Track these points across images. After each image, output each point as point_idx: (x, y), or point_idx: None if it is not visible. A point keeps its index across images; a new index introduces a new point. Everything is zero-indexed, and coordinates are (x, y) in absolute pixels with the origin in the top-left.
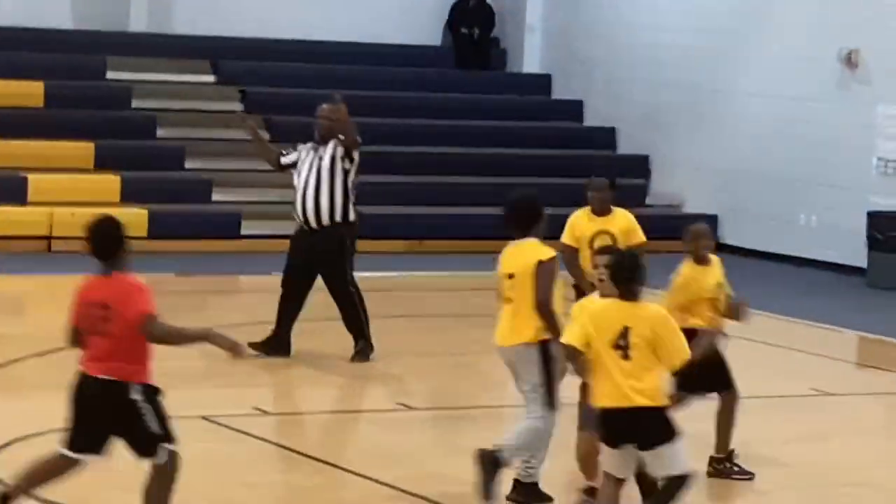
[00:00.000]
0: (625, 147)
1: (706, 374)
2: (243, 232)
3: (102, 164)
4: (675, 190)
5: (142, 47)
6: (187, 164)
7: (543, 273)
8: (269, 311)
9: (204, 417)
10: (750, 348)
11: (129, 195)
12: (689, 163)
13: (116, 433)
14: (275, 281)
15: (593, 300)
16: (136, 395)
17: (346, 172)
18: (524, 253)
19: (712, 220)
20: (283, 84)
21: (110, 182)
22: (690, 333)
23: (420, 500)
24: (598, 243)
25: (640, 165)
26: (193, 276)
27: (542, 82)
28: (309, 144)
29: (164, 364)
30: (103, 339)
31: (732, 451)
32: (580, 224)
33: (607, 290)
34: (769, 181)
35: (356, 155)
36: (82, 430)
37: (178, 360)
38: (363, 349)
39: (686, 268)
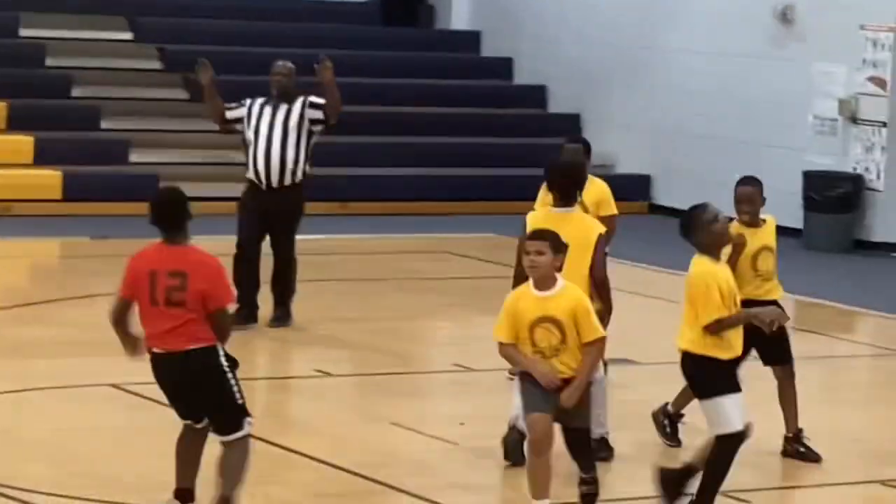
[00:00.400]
0: (555, 106)
1: (762, 344)
2: None
3: (15, 124)
4: (607, 150)
5: (56, 3)
6: (103, 125)
7: (602, 246)
8: None
9: (114, 385)
10: (679, 312)
11: (43, 156)
12: (622, 122)
13: (205, 407)
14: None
15: (521, 290)
16: (222, 361)
17: (311, 134)
18: (578, 224)
19: (645, 180)
20: (203, 42)
21: (23, 143)
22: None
23: (337, 469)
24: None
25: (570, 124)
26: (110, 239)
27: (471, 39)
28: (259, 100)
29: (72, 332)
30: (177, 308)
31: (800, 430)
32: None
33: (537, 275)
34: (703, 141)
35: (333, 122)
36: (183, 404)
37: (90, 329)
38: (283, 315)
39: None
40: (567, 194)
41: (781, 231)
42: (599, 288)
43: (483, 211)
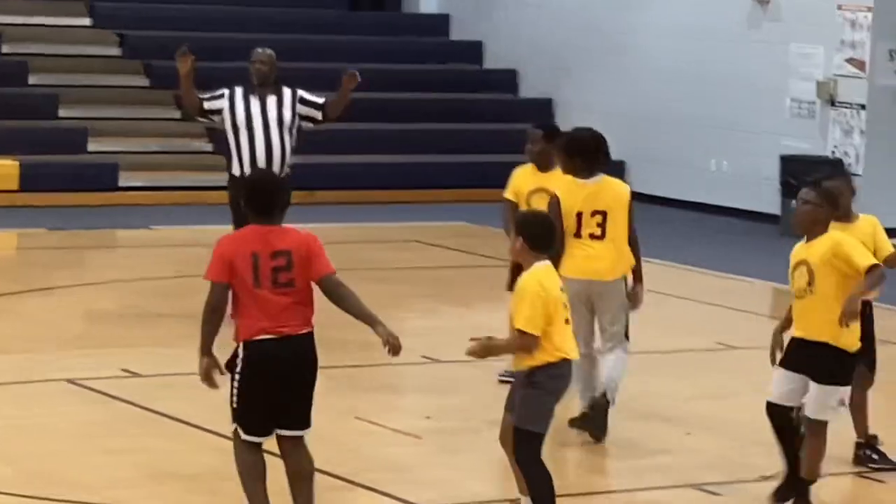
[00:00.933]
0: (527, 91)
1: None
2: (121, 184)
3: None
4: None
5: None
6: (61, 113)
7: (633, 208)
8: (149, 267)
9: (69, 380)
10: (655, 300)
11: None
12: (595, 106)
13: (298, 397)
14: (154, 235)
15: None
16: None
17: (299, 128)
18: (612, 189)
19: (619, 166)
20: (163, 27)
21: None
22: None
23: None
24: (534, 201)
25: (542, 110)
26: (68, 231)
27: (440, 23)
28: (238, 90)
29: (28, 325)
30: (285, 289)
31: (874, 437)
32: (521, 179)
33: (517, 258)
34: (678, 125)
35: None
36: (276, 400)
37: (47, 323)
38: None
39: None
40: (595, 162)
41: (758, 217)
42: (637, 246)
43: (452, 199)
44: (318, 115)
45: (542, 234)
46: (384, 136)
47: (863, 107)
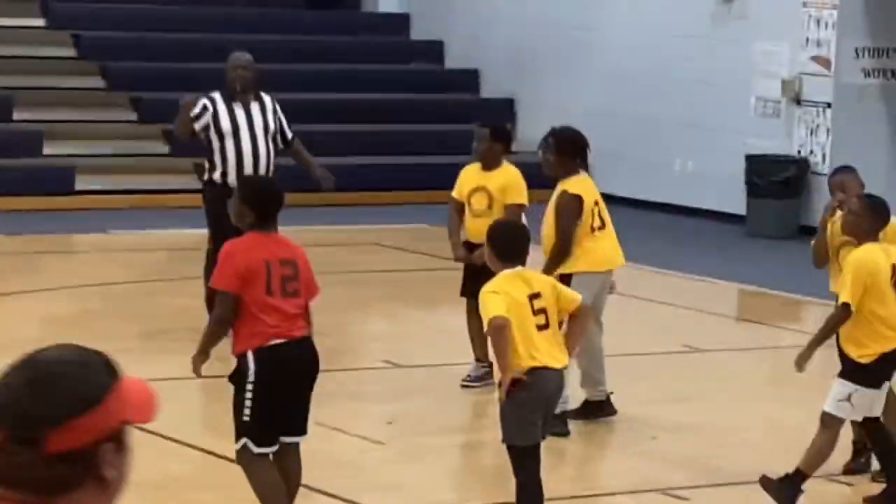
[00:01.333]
0: (488, 90)
1: None
2: (77, 187)
3: None
4: (542, 135)
5: None
6: (16, 116)
7: None
8: (107, 272)
9: None
10: (619, 303)
11: None
12: (557, 105)
13: (305, 401)
14: (112, 239)
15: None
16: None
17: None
18: (591, 181)
19: None
20: (119, 28)
21: None
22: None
23: None
24: (474, 200)
25: (504, 109)
26: (24, 235)
27: (400, 22)
28: (218, 98)
29: None
30: (292, 298)
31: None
32: (465, 178)
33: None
34: (642, 124)
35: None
36: (281, 413)
37: (8, 327)
38: None
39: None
40: (584, 159)
41: (723, 217)
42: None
43: (413, 200)
44: (281, 146)
45: (510, 245)
46: (343, 137)
47: (829, 105)
